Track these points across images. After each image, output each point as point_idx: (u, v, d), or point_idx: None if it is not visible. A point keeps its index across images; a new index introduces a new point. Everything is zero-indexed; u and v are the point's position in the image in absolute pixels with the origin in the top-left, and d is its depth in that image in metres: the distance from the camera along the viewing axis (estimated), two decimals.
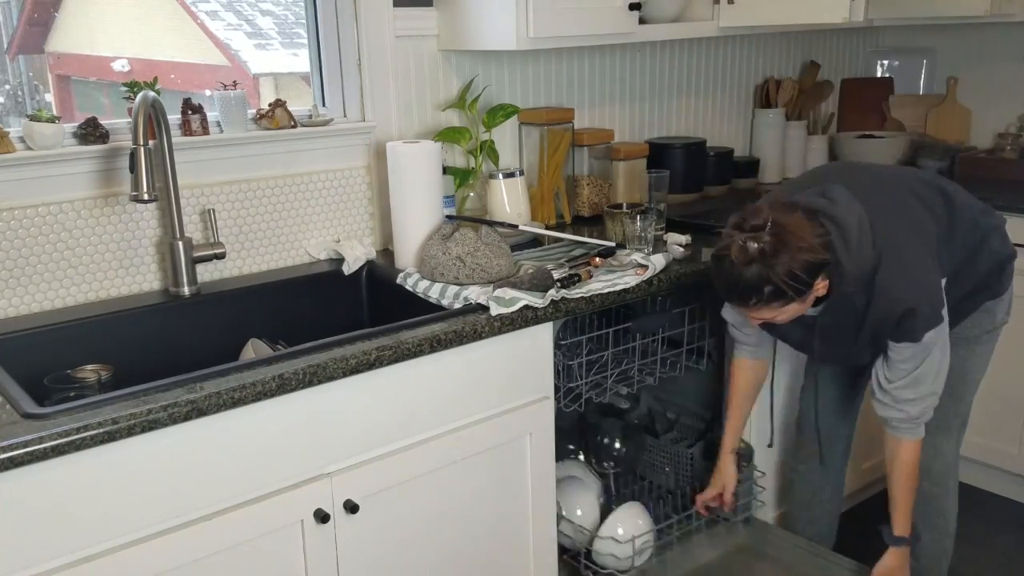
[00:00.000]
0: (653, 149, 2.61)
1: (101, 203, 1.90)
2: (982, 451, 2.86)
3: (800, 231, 1.66)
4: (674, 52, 2.88)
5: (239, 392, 1.45)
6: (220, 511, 1.49)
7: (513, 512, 1.91)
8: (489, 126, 2.34)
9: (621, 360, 2.24)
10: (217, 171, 2.04)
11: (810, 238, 1.66)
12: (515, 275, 1.94)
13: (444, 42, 2.31)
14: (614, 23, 2.25)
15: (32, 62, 2.07)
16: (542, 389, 1.90)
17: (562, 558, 2.08)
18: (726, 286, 1.71)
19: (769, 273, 1.64)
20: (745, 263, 1.65)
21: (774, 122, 3.10)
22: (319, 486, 1.59)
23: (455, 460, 1.78)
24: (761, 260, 1.64)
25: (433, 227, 2.06)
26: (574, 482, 2.22)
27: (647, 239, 2.10)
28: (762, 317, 1.74)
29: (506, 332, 1.77)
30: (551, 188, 2.45)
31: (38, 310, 1.86)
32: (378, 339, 1.64)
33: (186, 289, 1.95)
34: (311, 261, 2.20)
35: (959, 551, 2.28)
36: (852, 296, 1.76)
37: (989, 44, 3.26)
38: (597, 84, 2.70)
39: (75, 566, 1.36)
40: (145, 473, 1.40)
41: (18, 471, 1.27)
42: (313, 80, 2.26)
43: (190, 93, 2.04)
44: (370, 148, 2.24)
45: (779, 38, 3.18)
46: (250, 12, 2.37)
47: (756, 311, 1.72)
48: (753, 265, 1.65)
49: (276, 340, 1.95)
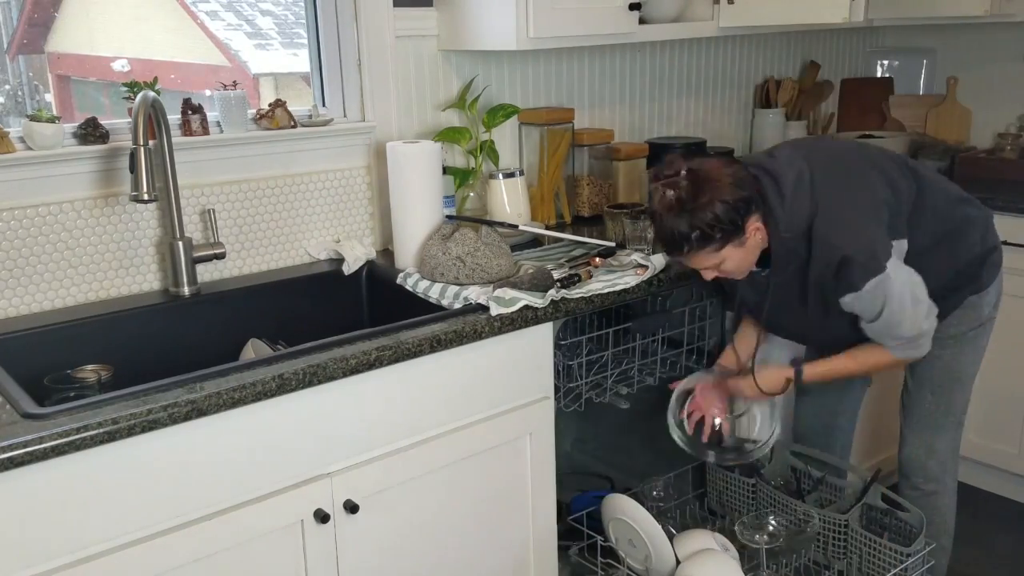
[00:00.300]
0: (653, 149, 2.61)
1: (101, 203, 1.90)
2: (982, 451, 2.86)
3: (715, 173, 1.70)
4: (674, 52, 2.88)
5: (239, 392, 1.45)
6: (220, 511, 1.49)
7: (513, 512, 1.91)
8: (489, 126, 2.34)
9: (621, 360, 2.24)
10: (217, 171, 2.04)
11: (726, 178, 1.69)
12: (515, 275, 1.94)
13: (444, 42, 2.31)
14: (614, 23, 2.25)
15: (32, 62, 2.07)
16: (542, 389, 1.90)
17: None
18: (661, 239, 1.76)
19: (691, 218, 1.68)
20: (668, 211, 1.70)
21: (774, 122, 3.11)
22: (319, 486, 1.59)
23: (455, 460, 1.78)
24: (680, 206, 1.68)
25: (433, 227, 2.06)
26: (711, 555, 1.95)
27: (647, 239, 2.10)
28: (705, 266, 1.77)
29: (506, 332, 1.77)
30: (551, 188, 2.45)
31: (38, 310, 1.86)
32: (378, 339, 1.64)
33: (186, 289, 1.95)
34: (311, 261, 2.20)
35: (959, 551, 2.28)
36: (795, 248, 1.77)
37: (989, 44, 3.26)
38: (597, 84, 2.70)
39: (75, 566, 1.36)
40: (145, 473, 1.40)
41: (18, 471, 1.27)
42: (313, 80, 2.26)
43: (190, 93, 2.04)
44: (370, 148, 2.24)
45: (779, 38, 3.18)
46: (250, 12, 2.37)
47: (695, 259, 1.76)
48: (675, 212, 1.69)
49: (276, 340, 1.95)
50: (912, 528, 1.97)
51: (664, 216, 1.71)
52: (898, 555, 1.92)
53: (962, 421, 2.13)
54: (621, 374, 2.23)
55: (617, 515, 2.00)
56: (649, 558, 1.97)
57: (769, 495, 2.15)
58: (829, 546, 2.04)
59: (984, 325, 2.04)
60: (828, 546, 2.04)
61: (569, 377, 2.12)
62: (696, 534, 2.01)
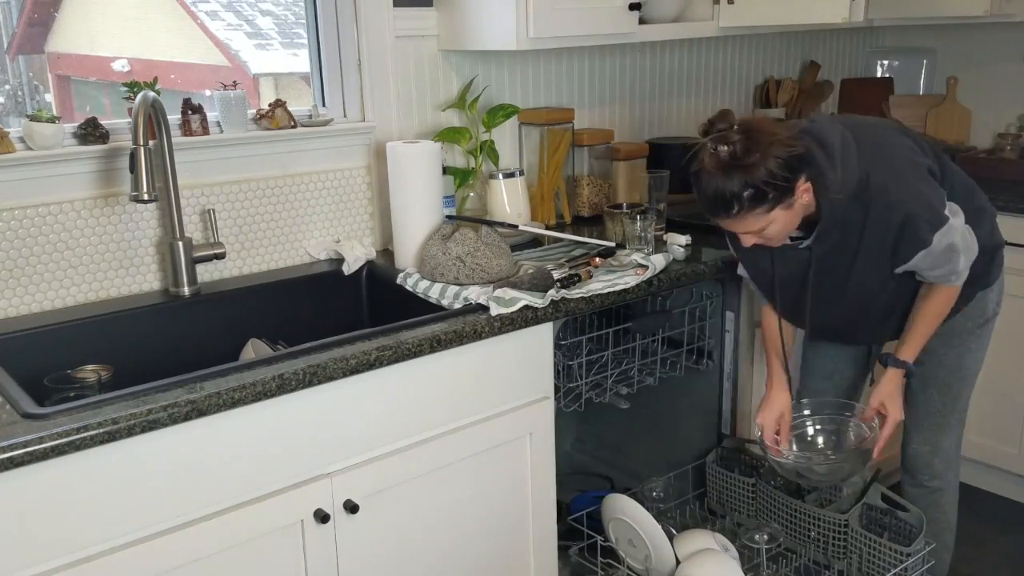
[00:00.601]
0: (653, 149, 2.61)
1: (101, 203, 1.90)
2: (982, 451, 2.86)
3: (768, 127, 1.64)
4: (674, 52, 2.88)
5: (239, 392, 1.45)
6: (220, 511, 1.49)
7: (513, 512, 1.91)
8: (489, 126, 2.34)
9: (621, 360, 2.24)
10: (217, 171, 2.04)
11: (781, 132, 1.64)
12: (515, 275, 1.94)
13: (444, 42, 2.31)
14: (614, 23, 2.25)
15: (32, 62, 2.07)
16: (542, 389, 1.90)
17: None
18: (708, 199, 1.67)
19: (744, 175, 1.61)
20: (719, 169, 1.62)
21: None
22: (319, 486, 1.59)
23: (455, 460, 1.78)
24: (734, 162, 1.60)
25: (433, 227, 2.06)
26: (711, 556, 1.94)
27: (647, 239, 2.10)
28: (750, 230, 1.70)
29: (506, 332, 1.77)
30: (551, 188, 2.45)
31: (38, 310, 1.86)
32: (378, 339, 1.64)
33: (186, 289, 1.95)
34: (311, 261, 2.20)
35: (959, 551, 2.28)
36: (845, 211, 1.73)
37: (989, 44, 3.26)
38: (597, 84, 2.70)
39: (75, 566, 1.36)
40: (145, 473, 1.40)
41: (18, 471, 1.27)
42: (313, 80, 2.26)
43: (190, 93, 2.04)
44: (370, 148, 2.24)
45: (779, 38, 3.18)
46: (250, 12, 2.37)
47: (742, 222, 1.68)
48: (728, 169, 1.61)
49: (276, 340, 1.95)
50: (912, 528, 1.97)
51: (713, 175, 1.62)
52: (898, 555, 1.92)
53: (964, 418, 2.13)
54: (621, 374, 2.23)
55: (617, 515, 2.00)
56: (649, 558, 1.97)
57: (769, 495, 2.15)
58: (829, 546, 2.04)
59: (989, 321, 2.04)
60: (828, 546, 2.04)
61: (569, 377, 2.12)
62: (696, 534, 2.01)
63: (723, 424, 2.35)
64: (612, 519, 2.02)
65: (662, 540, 1.95)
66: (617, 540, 2.04)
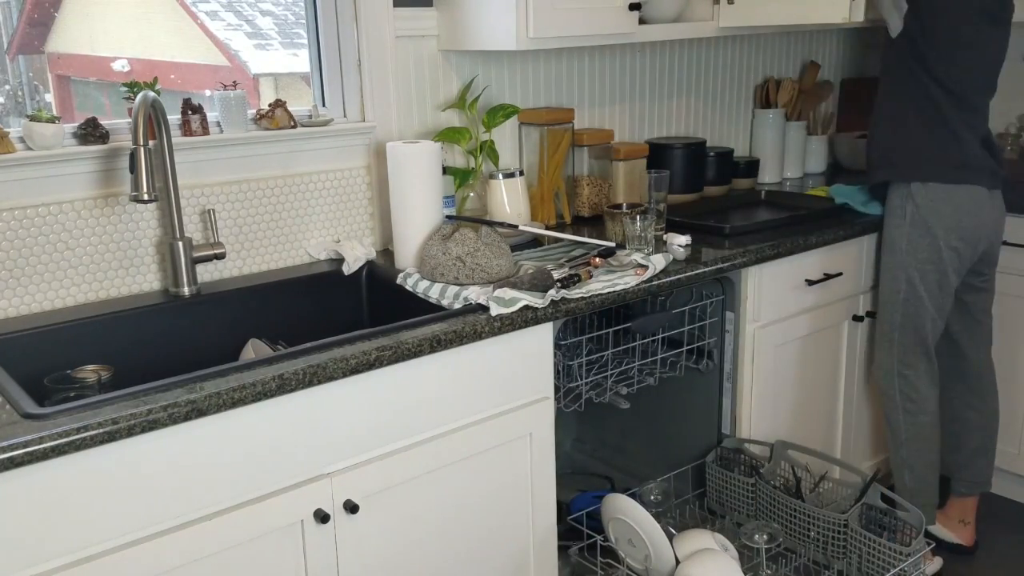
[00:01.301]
0: (653, 149, 2.61)
1: (101, 203, 1.90)
2: None
3: None
4: (674, 52, 2.88)
5: (239, 392, 1.45)
6: (220, 511, 1.49)
7: (513, 512, 1.91)
8: (489, 126, 2.34)
9: (621, 360, 2.24)
10: (217, 171, 2.04)
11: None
12: (515, 275, 1.94)
13: (444, 42, 2.32)
14: (614, 23, 2.26)
15: (32, 62, 2.07)
16: (542, 389, 1.90)
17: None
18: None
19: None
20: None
21: (774, 122, 3.10)
22: (319, 486, 1.59)
23: (455, 460, 1.78)
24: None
25: (433, 227, 2.06)
26: (711, 555, 1.94)
27: (647, 239, 2.10)
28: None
29: (506, 332, 1.77)
30: (551, 188, 2.45)
31: (38, 310, 1.86)
32: (378, 339, 1.64)
33: (186, 289, 1.95)
34: (311, 261, 2.20)
35: (959, 551, 2.28)
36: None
37: None
38: (597, 84, 2.70)
39: (75, 566, 1.36)
40: (145, 473, 1.40)
41: (18, 471, 1.27)
42: (313, 80, 2.26)
43: (190, 93, 2.05)
44: (370, 148, 2.25)
45: (779, 38, 3.18)
46: (250, 12, 2.37)
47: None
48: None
49: (276, 340, 1.96)
50: (912, 528, 1.97)
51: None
52: (898, 555, 1.92)
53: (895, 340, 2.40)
54: (621, 374, 2.23)
55: (617, 515, 2.00)
56: (649, 558, 1.97)
57: (769, 495, 2.15)
58: (829, 546, 2.04)
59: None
60: (828, 546, 2.05)
61: (569, 377, 2.12)
62: (696, 534, 2.01)
63: (723, 424, 2.35)
64: (612, 519, 2.02)
65: (662, 540, 1.95)
66: (617, 540, 2.04)
